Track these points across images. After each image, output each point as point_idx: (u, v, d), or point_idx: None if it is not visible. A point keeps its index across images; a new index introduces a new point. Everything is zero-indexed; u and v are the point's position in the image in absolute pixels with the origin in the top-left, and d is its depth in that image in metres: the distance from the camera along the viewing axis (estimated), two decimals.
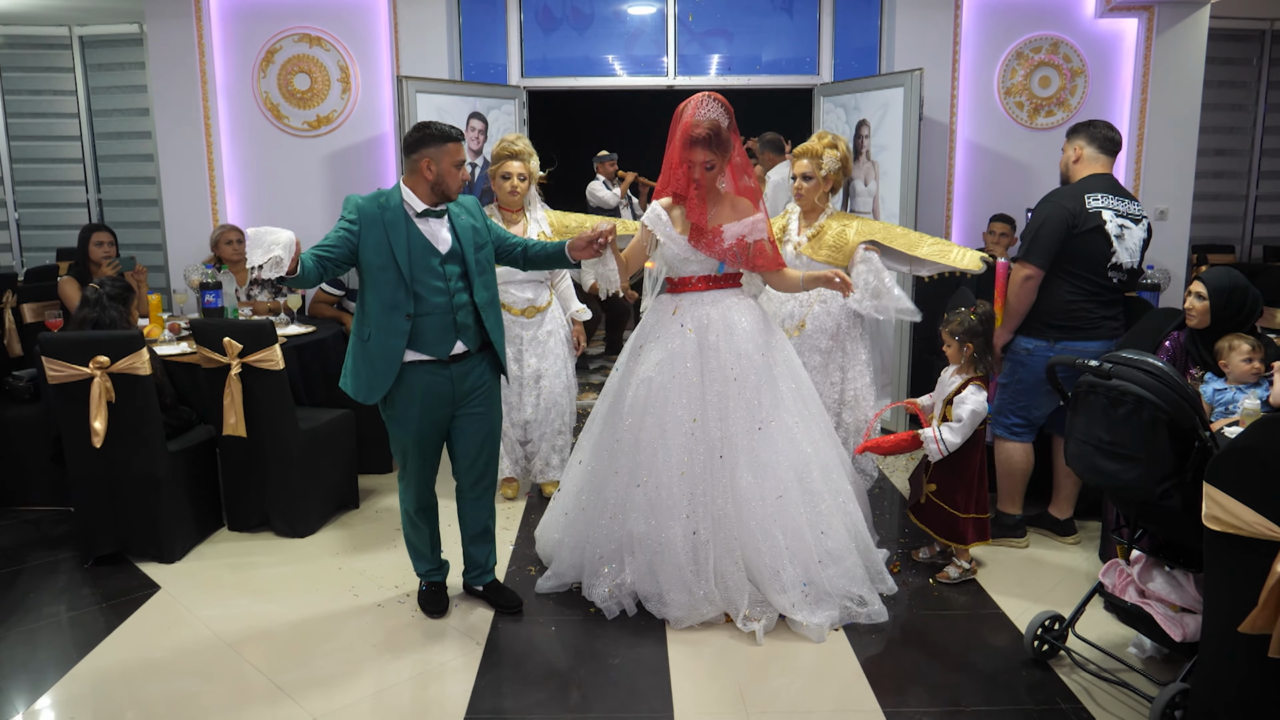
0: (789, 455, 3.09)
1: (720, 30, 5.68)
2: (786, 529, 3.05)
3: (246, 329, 3.72)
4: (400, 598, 3.35)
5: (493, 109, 5.40)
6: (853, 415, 3.80)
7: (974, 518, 3.30)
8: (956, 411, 3.20)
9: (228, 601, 3.34)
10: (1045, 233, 3.51)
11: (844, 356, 3.77)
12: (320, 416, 4.09)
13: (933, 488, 3.32)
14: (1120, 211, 3.54)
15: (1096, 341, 3.53)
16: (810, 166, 3.69)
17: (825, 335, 3.74)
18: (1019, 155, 5.67)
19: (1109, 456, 2.51)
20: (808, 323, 3.74)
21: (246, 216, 5.70)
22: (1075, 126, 3.77)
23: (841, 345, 3.77)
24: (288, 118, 5.61)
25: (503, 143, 4.10)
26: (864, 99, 5.24)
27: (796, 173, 3.71)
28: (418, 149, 2.89)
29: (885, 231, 3.74)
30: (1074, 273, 3.52)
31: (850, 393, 3.79)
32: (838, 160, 3.70)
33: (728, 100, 3.09)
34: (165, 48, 5.51)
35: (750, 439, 3.05)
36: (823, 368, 3.75)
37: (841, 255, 3.69)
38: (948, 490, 3.30)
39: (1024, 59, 5.57)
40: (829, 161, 3.68)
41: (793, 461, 3.09)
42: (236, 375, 3.73)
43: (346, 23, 5.53)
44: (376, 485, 4.53)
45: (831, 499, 3.15)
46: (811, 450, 3.15)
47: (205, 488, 3.92)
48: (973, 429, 3.20)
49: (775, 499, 3.04)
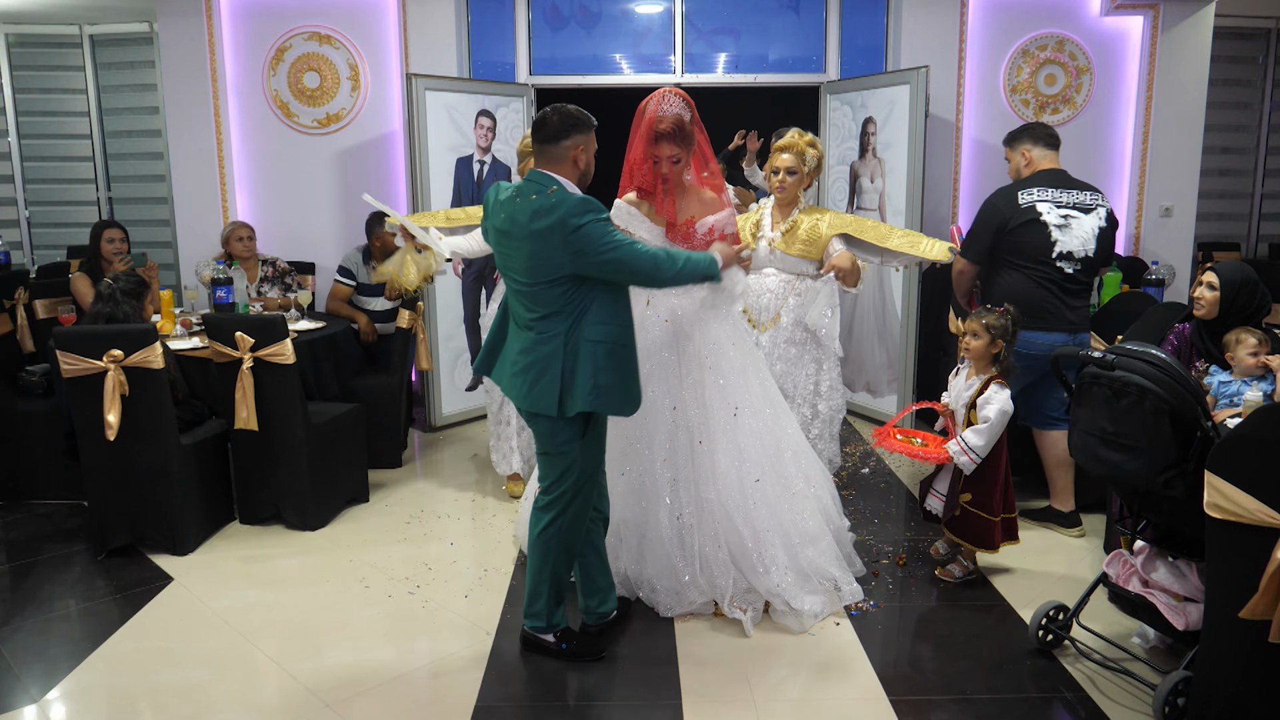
0: (763, 439, 3.14)
1: (727, 28, 5.71)
2: (765, 512, 3.10)
3: (258, 323, 3.76)
4: (411, 589, 3.39)
5: (501, 107, 5.44)
6: (827, 405, 3.84)
7: (1004, 518, 3.30)
8: (983, 413, 3.19)
9: (240, 592, 3.38)
10: (975, 230, 3.79)
11: (817, 349, 3.81)
12: (331, 411, 4.13)
13: (968, 498, 3.28)
14: (1063, 202, 3.68)
15: (1056, 333, 3.64)
16: (794, 160, 3.72)
17: (800, 328, 3.78)
18: None
19: (1112, 447, 2.53)
20: (783, 316, 3.78)
21: (256, 214, 5.75)
22: (1013, 133, 3.94)
23: (815, 338, 3.82)
24: (297, 115, 5.66)
25: (526, 141, 4.11)
26: (870, 96, 5.27)
27: (780, 166, 3.73)
28: (567, 135, 2.61)
29: (856, 224, 3.77)
30: (1020, 264, 3.70)
31: (825, 384, 3.83)
32: (816, 159, 3.76)
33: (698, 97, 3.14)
34: (176, 46, 5.56)
35: (727, 424, 3.10)
36: (798, 359, 3.80)
37: (815, 249, 3.73)
38: (984, 498, 3.26)
39: (1030, 57, 5.59)
40: (810, 158, 3.72)
41: (766, 445, 3.15)
42: (248, 369, 3.76)
43: (356, 21, 5.57)
44: (386, 480, 4.56)
45: (804, 482, 3.21)
46: (782, 436, 3.21)
47: (217, 481, 3.96)
48: (1002, 429, 3.20)
49: (754, 482, 3.09)
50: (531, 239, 2.54)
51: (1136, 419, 2.46)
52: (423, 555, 3.69)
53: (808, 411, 3.82)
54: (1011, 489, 3.34)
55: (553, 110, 2.65)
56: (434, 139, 5.13)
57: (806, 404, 3.82)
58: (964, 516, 3.30)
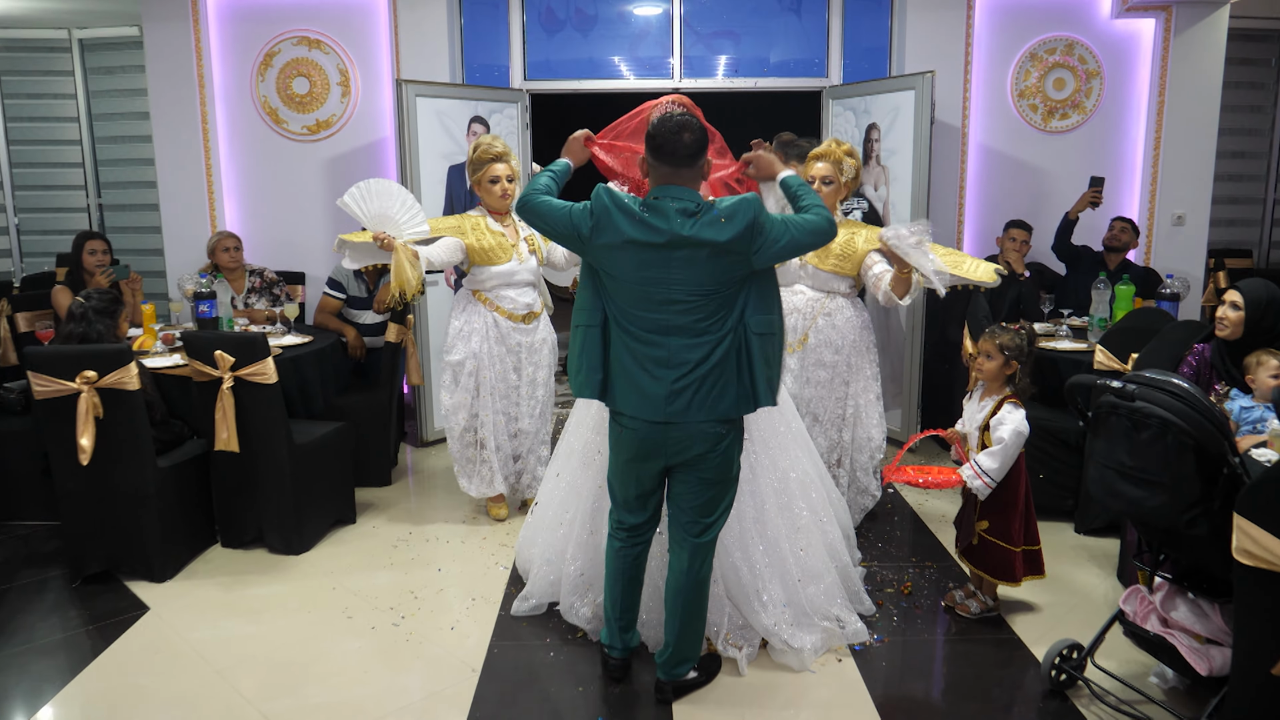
0: (766, 471, 2.99)
1: (727, 31, 5.56)
2: (765, 546, 2.95)
3: (238, 341, 3.63)
4: (395, 620, 3.25)
5: (494, 113, 5.30)
6: (852, 433, 3.68)
7: (1025, 549, 3.13)
8: (996, 434, 3.04)
9: (217, 623, 3.25)
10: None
11: (849, 371, 3.66)
12: (316, 430, 3.99)
13: (985, 525, 3.12)
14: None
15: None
16: (831, 170, 3.55)
17: (830, 350, 3.62)
18: (1032, 159, 5.54)
19: (1132, 482, 2.39)
20: (810, 336, 3.62)
21: (245, 223, 5.62)
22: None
23: (847, 360, 3.65)
24: (286, 122, 5.52)
25: (481, 146, 3.94)
26: (874, 102, 5.12)
27: (816, 175, 3.54)
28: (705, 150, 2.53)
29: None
30: None
31: (852, 409, 3.67)
32: (854, 169, 3.59)
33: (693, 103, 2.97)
34: (162, 51, 5.43)
35: None
36: (828, 383, 3.64)
37: (849, 264, 3.58)
38: (1002, 525, 3.10)
39: (1038, 60, 5.44)
40: (848, 168, 3.56)
41: (770, 477, 2.99)
42: (228, 389, 3.63)
43: (346, 25, 5.44)
44: (374, 499, 4.43)
45: (809, 516, 3.05)
46: (788, 465, 3.05)
47: (197, 504, 3.82)
48: (1017, 451, 3.04)
49: (753, 516, 2.94)
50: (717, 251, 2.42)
51: (1158, 453, 2.31)
52: (409, 582, 3.55)
53: (835, 437, 3.66)
54: (1034, 518, 3.18)
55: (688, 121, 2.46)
56: (425, 146, 5.00)
57: (835, 429, 3.66)
58: (982, 546, 3.15)
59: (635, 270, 2.46)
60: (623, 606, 2.80)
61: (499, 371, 3.98)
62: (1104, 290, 4.22)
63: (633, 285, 2.48)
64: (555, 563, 3.17)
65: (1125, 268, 5.03)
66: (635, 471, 2.64)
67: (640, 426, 2.55)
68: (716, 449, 2.55)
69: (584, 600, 3.10)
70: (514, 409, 4.04)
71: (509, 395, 4.01)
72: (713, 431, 2.54)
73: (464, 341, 3.97)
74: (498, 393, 3.99)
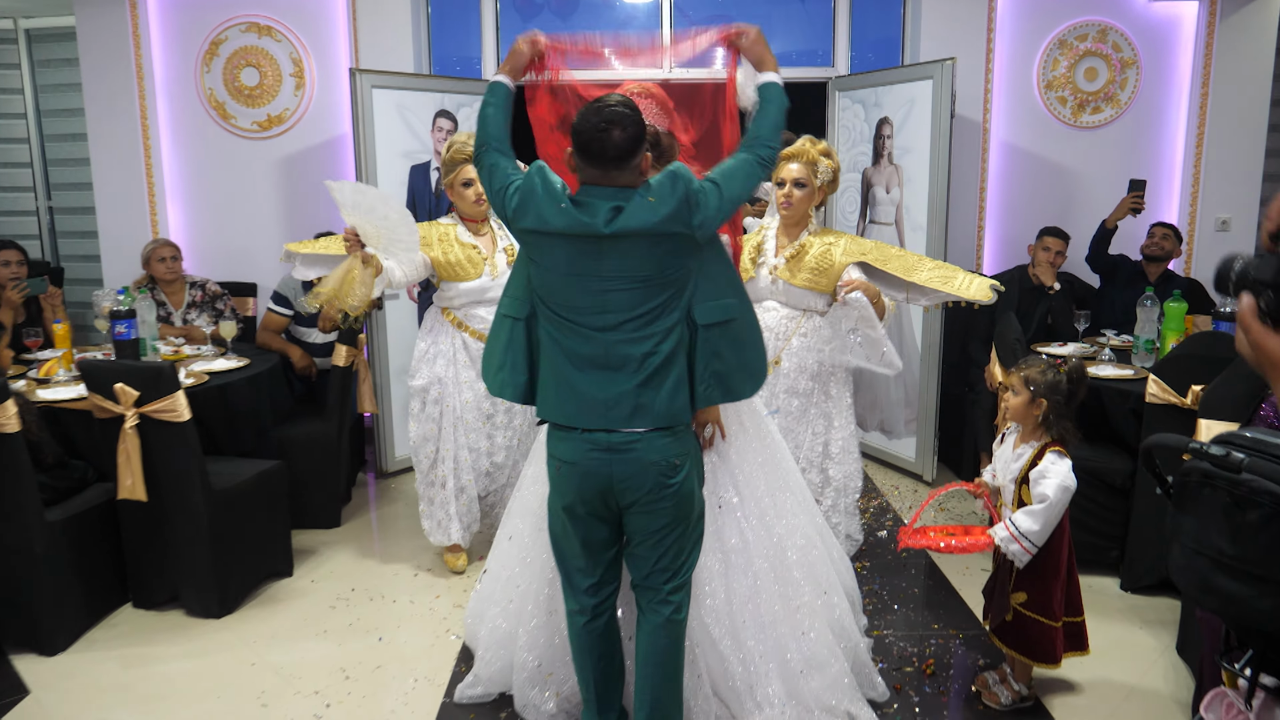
0: (759, 539, 2.46)
1: (722, 16, 5.02)
2: (760, 632, 2.42)
3: (142, 373, 3.10)
4: (318, 710, 2.72)
5: (464, 106, 4.77)
6: (841, 470, 3.16)
7: (1068, 623, 2.61)
8: (1037, 489, 2.49)
9: (106, 713, 2.71)
10: None
11: (828, 401, 3.15)
12: (244, 470, 3.46)
13: (1021, 598, 2.59)
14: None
15: None
16: (804, 172, 3.10)
17: (805, 375, 3.13)
18: (1061, 157, 4.99)
19: (1232, 575, 1.83)
20: (784, 360, 3.11)
21: (190, 228, 5.09)
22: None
23: (825, 387, 3.14)
24: (235, 117, 4.99)
25: (455, 146, 3.47)
26: (886, 94, 4.58)
27: (786, 178, 3.12)
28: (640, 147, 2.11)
29: (878, 251, 3.11)
30: None
31: (837, 444, 3.15)
32: (831, 171, 3.12)
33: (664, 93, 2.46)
34: (97, 39, 4.90)
35: (711, 521, 2.42)
36: (802, 414, 3.13)
37: (825, 279, 3.08)
38: (1041, 598, 2.57)
39: (1067, 48, 4.89)
40: (824, 170, 3.10)
41: (765, 546, 2.46)
42: (132, 428, 3.10)
43: (299, 10, 4.90)
44: (318, 545, 3.90)
45: (812, 590, 2.51)
46: (786, 531, 2.52)
47: (102, 559, 3.29)
48: (1063, 510, 2.51)
49: (746, 595, 2.40)
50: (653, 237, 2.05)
51: (1268, 542, 1.76)
52: (343, 656, 3.02)
53: (816, 478, 3.15)
54: (1077, 583, 2.65)
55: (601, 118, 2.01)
56: (384, 143, 4.46)
57: (814, 469, 3.14)
58: (1017, 622, 2.61)
59: (565, 262, 2.10)
60: (599, 688, 2.32)
61: (467, 400, 3.47)
62: (1151, 308, 3.67)
63: (563, 276, 2.10)
64: (506, 646, 2.63)
65: (1167, 279, 4.49)
66: (581, 522, 2.19)
67: (581, 459, 2.12)
68: (670, 483, 2.11)
69: (545, 693, 2.55)
70: (486, 442, 3.53)
71: (480, 427, 3.50)
72: (663, 463, 2.10)
73: (428, 365, 3.51)
74: (465, 424, 3.49)
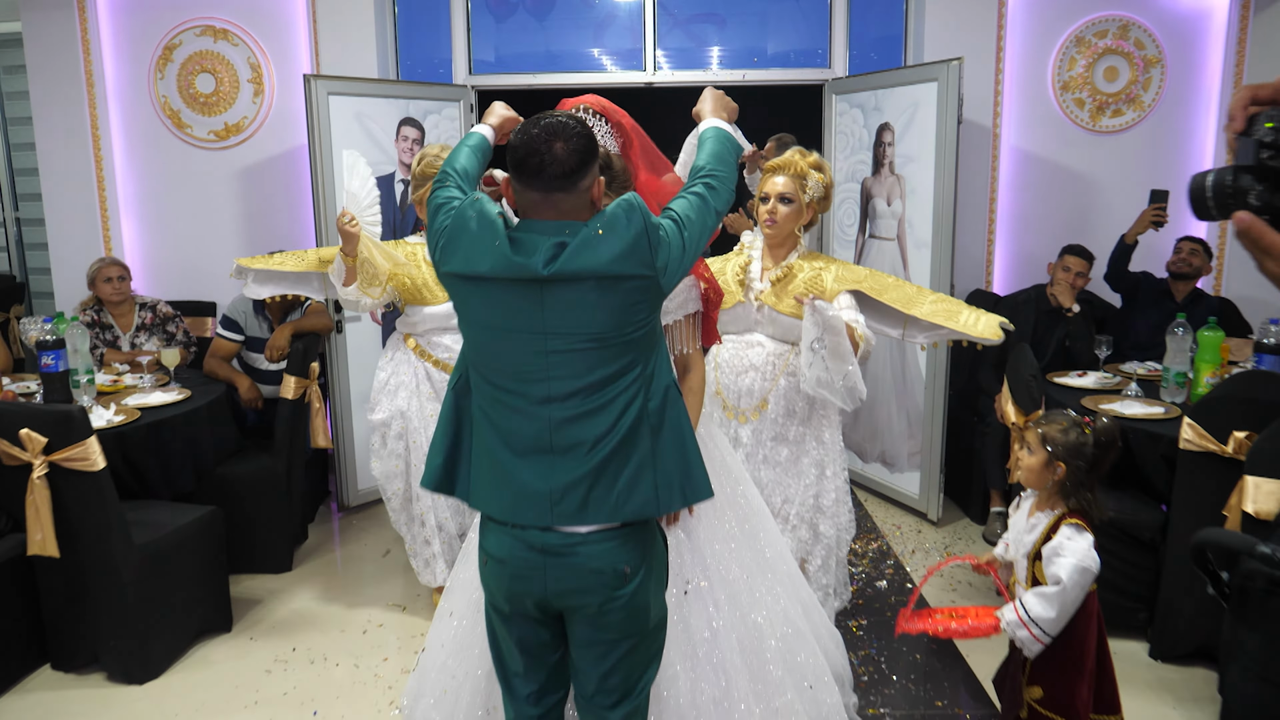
0: (733, 630, 2.10)
1: (710, 14, 4.68)
2: None
3: (51, 418, 2.78)
4: None
5: (431, 114, 4.44)
6: (833, 524, 2.78)
7: None
8: (1050, 569, 2.13)
9: None
10: None
11: (819, 448, 2.76)
12: (174, 518, 3.14)
13: (1036, 693, 2.21)
14: None
15: None
16: (792, 186, 2.71)
17: (795, 420, 2.74)
18: (1078, 164, 4.62)
19: None
20: (770, 403, 2.74)
21: (145, 244, 4.78)
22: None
23: (816, 432, 2.76)
24: (190, 126, 4.67)
25: (425, 159, 3.17)
26: (887, 97, 4.22)
27: (771, 192, 2.73)
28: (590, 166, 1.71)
29: (873, 280, 2.74)
30: None
31: (830, 495, 2.77)
32: (822, 187, 2.73)
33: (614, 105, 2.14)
34: (44, 44, 4.59)
35: (675, 610, 2.06)
36: (792, 463, 2.75)
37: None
38: (1061, 694, 2.19)
39: (1085, 46, 4.51)
40: (814, 185, 2.71)
41: (739, 639, 2.10)
42: (41, 478, 2.79)
43: (256, 12, 4.58)
44: (264, 593, 3.57)
45: (795, 687, 2.15)
46: (766, 619, 2.16)
47: (15, 616, 2.97)
48: (1082, 594, 2.13)
49: (714, 699, 2.05)
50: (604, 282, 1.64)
51: None
52: None
53: (805, 534, 2.78)
54: (1112, 677, 2.26)
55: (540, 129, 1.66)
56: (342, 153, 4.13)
57: (804, 524, 2.77)
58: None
59: (499, 315, 1.69)
60: None
61: None
62: (1183, 337, 3.29)
63: (495, 333, 1.70)
64: None
65: (1196, 298, 4.11)
66: (514, 624, 1.82)
67: (510, 557, 1.74)
68: (618, 595, 1.73)
69: None
70: None
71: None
72: (610, 571, 1.72)
73: (389, 398, 3.23)
74: None
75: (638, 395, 1.70)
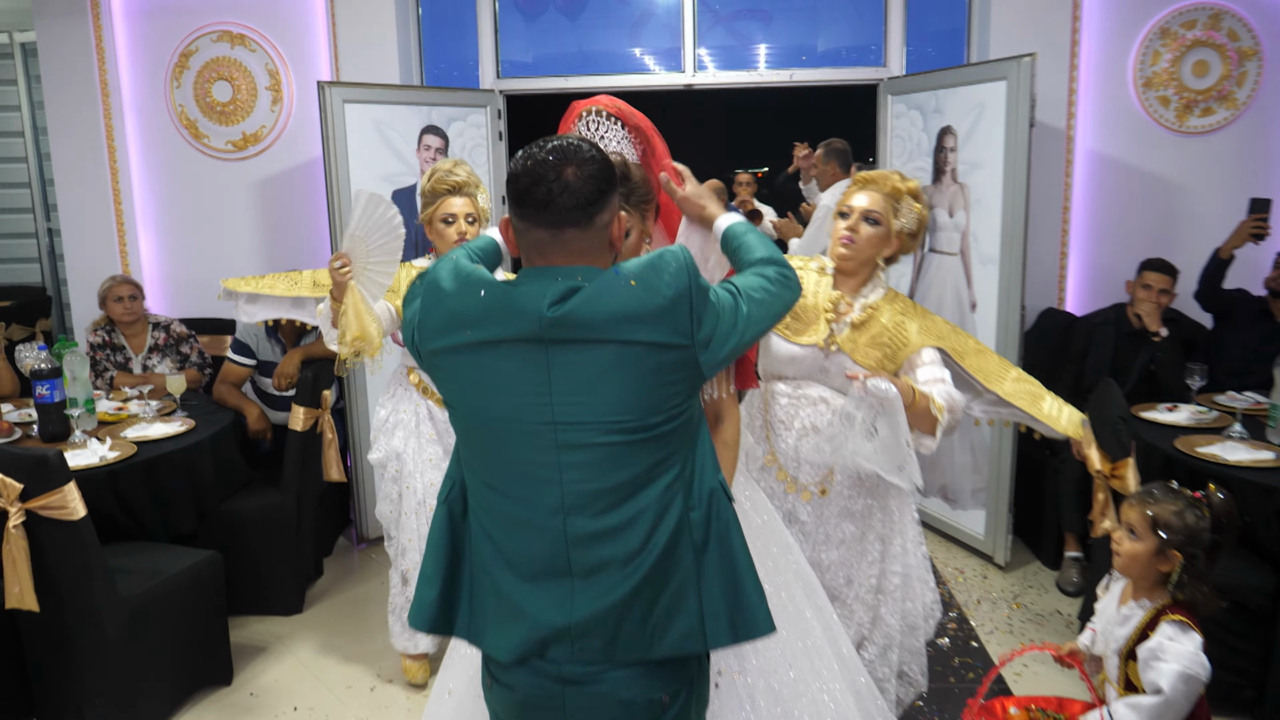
0: None
1: (755, 10, 4.34)
2: None
3: (26, 464, 2.55)
4: None
5: (456, 120, 4.16)
6: (897, 612, 2.33)
7: None
8: (1148, 675, 1.77)
9: None
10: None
11: (886, 523, 2.32)
12: (168, 565, 2.90)
13: None
14: None
15: None
16: (883, 205, 2.22)
17: (862, 493, 2.28)
18: (1162, 169, 4.18)
19: None
20: (837, 475, 2.29)
21: (162, 258, 4.60)
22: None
23: (884, 504, 2.31)
24: (208, 136, 4.47)
25: (436, 174, 2.88)
26: (948, 98, 3.84)
27: (855, 207, 2.24)
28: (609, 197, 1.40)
29: (955, 338, 2.34)
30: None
31: (895, 576, 2.33)
32: (917, 221, 2.25)
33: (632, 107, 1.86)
34: (58, 52, 4.43)
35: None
36: (858, 541, 2.30)
37: (894, 361, 2.26)
38: None
39: (1171, 38, 4.08)
40: (907, 214, 2.24)
41: None
42: (17, 527, 2.56)
43: (275, 16, 4.36)
44: (274, 638, 3.33)
45: None
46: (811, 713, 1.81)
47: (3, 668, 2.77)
48: (1189, 705, 1.77)
49: None
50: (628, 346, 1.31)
51: None
52: None
53: (864, 616, 2.37)
54: None
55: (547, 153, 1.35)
56: (360, 166, 3.88)
57: (863, 606, 2.36)
58: None
59: (497, 397, 1.36)
60: None
61: (431, 483, 2.88)
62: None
63: (494, 423, 1.37)
64: None
65: None
66: None
67: (521, 684, 1.42)
68: None
69: None
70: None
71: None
72: (643, 702, 1.39)
73: (386, 436, 2.96)
74: (427, 510, 2.89)
75: (674, 502, 1.36)
